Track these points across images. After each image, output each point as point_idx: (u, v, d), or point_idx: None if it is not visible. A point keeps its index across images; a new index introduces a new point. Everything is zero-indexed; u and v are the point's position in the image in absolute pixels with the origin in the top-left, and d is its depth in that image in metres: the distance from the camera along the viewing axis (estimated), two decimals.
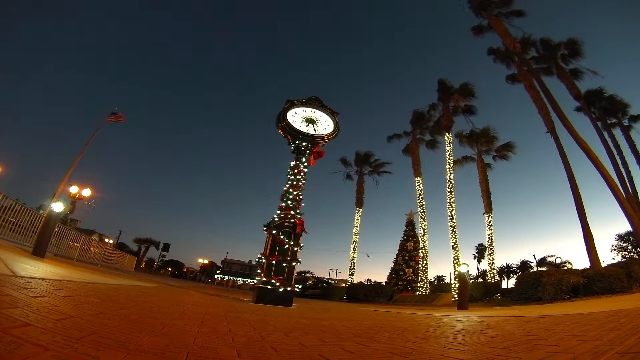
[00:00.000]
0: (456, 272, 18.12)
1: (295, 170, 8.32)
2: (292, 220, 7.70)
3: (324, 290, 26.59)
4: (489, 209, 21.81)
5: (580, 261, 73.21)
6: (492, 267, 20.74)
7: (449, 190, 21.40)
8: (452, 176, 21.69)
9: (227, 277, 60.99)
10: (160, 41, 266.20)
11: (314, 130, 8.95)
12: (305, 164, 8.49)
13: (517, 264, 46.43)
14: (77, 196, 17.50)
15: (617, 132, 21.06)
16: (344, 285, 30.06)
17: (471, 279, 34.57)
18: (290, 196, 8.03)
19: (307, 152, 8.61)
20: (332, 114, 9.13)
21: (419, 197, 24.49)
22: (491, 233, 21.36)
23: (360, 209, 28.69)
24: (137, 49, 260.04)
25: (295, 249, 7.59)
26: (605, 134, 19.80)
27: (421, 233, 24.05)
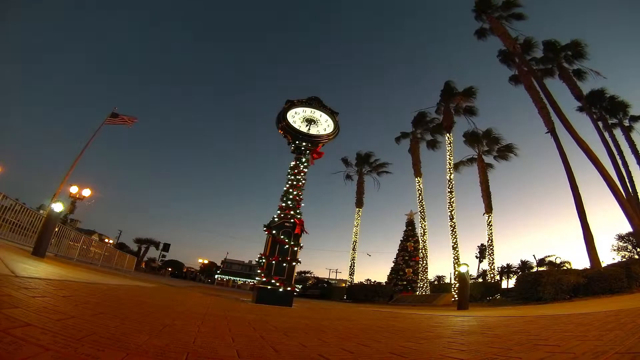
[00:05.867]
0: (456, 272, 18.13)
1: (295, 171, 8.32)
2: (292, 220, 7.70)
3: (324, 290, 26.62)
4: (489, 209, 21.82)
5: (580, 261, 73.20)
6: (492, 267, 20.74)
7: (449, 190, 21.42)
8: (452, 176, 21.72)
9: (227, 277, 61.02)
10: (160, 40, 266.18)
11: (311, 129, 8.96)
12: (305, 164, 8.49)
13: (517, 264, 46.38)
14: (77, 196, 17.49)
15: (618, 133, 21.07)
16: (344, 285, 30.08)
17: (471, 279, 34.58)
18: (290, 196, 8.03)
19: (307, 152, 8.62)
20: (332, 114, 9.12)
21: (419, 197, 24.52)
22: (491, 233, 21.37)
23: (360, 209, 28.71)
24: (137, 49, 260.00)
25: (295, 249, 7.59)
26: (606, 134, 19.81)
27: (421, 233, 24.07)
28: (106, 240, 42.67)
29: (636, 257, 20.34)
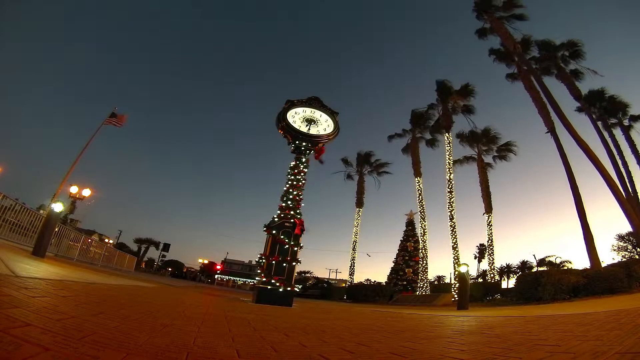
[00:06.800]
0: (456, 272, 18.13)
1: (295, 171, 8.32)
2: (292, 220, 7.70)
3: (324, 290, 26.63)
4: (489, 209, 21.83)
5: (580, 261, 73.09)
6: (492, 267, 20.75)
7: (449, 190, 21.42)
8: (452, 176, 21.73)
9: (227, 277, 60.99)
10: (160, 40, 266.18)
11: (311, 129, 8.96)
12: (305, 163, 8.49)
13: (517, 264, 46.37)
14: (77, 196, 17.49)
15: (618, 132, 21.06)
16: (343, 285, 30.09)
17: (471, 279, 34.57)
18: (290, 196, 8.03)
19: (307, 152, 8.62)
20: (332, 114, 9.12)
21: (419, 197, 24.52)
22: (491, 233, 21.39)
23: (360, 209, 28.72)
24: (136, 48, 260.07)
25: (295, 249, 7.59)
26: (606, 134, 19.82)
27: (421, 233, 24.07)
28: (106, 240, 42.63)
29: (636, 257, 20.35)
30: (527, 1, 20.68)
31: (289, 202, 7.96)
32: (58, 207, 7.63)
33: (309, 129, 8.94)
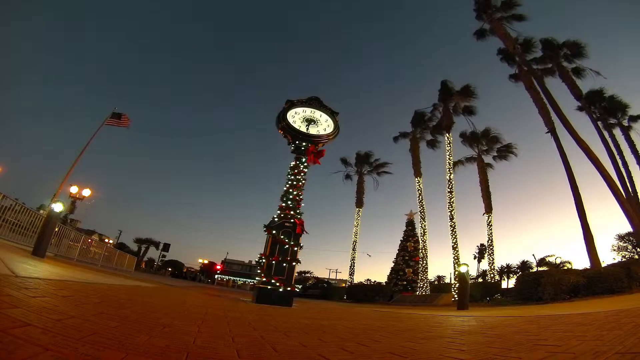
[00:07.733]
0: (456, 272, 18.13)
1: (295, 171, 8.32)
2: (292, 221, 7.70)
3: (324, 290, 26.62)
4: (489, 209, 21.83)
5: (581, 261, 73.16)
6: (492, 267, 20.75)
7: (449, 190, 21.43)
8: (452, 176, 21.74)
9: (227, 277, 60.98)
10: (160, 41, 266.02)
11: (311, 129, 8.96)
12: (305, 164, 8.49)
13: (517, 264, 46.31)
14: (77, 196, 17.49)
15: (617, 132, 21.04)
16: (344, 285, 30.10)
17: (471, 279, 34.55)
18: (290, 196, 8.04)
19: (307, 152, 8.61)
20: (332, 114, 9.12)
21: (419, 197, 24.52)
22: (491, 233, 21.38)
23: (360, 209, 28.71)
24: (137, 48, 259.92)
25: (295, 249, 7.60)
26: (606, 134, 19.81)
27: (421, 233, 24.07)
28: (106, 240, 42.62)
29: (636, 257, 20.31)
30: (526, 1, 20.66)
31: (289, 202, 7.96)
32: (58, 207, 7.64)
33: (309, 129, 8.94)
